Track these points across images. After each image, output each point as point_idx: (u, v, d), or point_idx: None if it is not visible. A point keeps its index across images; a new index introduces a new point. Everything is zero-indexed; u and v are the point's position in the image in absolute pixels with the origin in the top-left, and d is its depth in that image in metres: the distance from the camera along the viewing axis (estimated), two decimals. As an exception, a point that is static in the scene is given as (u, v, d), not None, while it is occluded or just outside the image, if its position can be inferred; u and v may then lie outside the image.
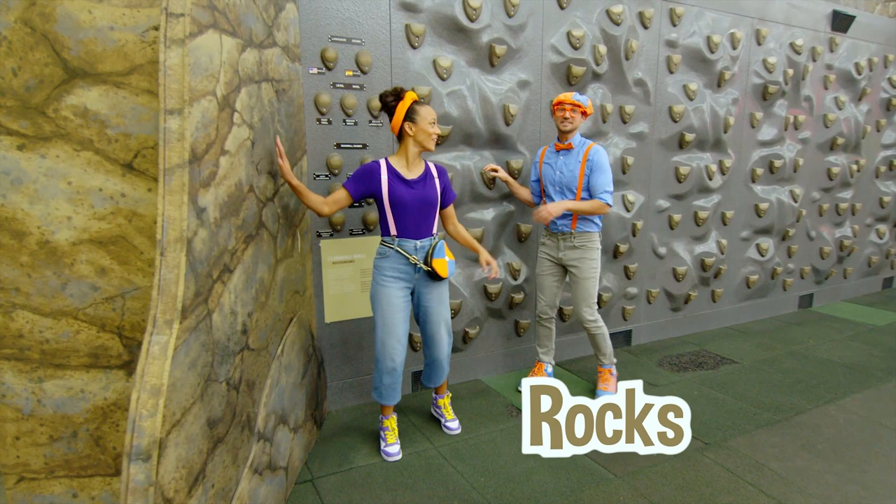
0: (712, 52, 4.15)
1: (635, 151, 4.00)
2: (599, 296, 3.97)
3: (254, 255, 2.05)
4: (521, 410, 3.17)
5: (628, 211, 4.01)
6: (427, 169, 2.66)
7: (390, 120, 2.57)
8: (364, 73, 3.00)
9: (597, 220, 3.19)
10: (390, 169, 2.56)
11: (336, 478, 2.55)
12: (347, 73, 2.96)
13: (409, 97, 2.55)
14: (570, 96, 3.07)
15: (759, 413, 3.21)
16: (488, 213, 3.46)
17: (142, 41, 1.60)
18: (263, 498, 2.08)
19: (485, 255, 2.80)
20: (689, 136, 4.16)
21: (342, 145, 3.00)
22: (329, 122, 2.95)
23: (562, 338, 3.90)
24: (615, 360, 3.42)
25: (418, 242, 2.62)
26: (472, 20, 3.18)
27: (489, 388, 3.52)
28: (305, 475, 2.56)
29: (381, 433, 2.80)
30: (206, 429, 1.62)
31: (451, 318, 3.37)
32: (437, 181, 2.67)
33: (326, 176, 2.98)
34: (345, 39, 2.92)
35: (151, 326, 1.45)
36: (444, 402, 3.06)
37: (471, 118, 3.27)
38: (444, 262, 2.68)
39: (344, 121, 2.99)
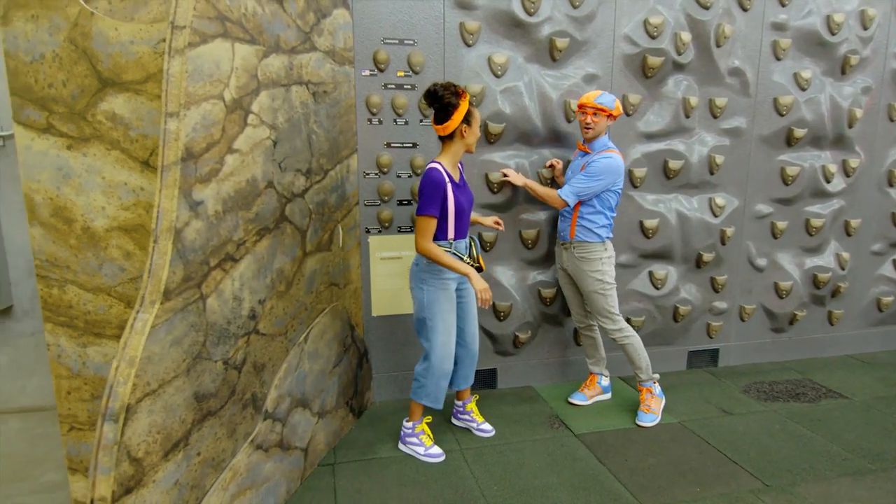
0: (833, 34, 3.55)
1: (727, 149, 3.57)
2: (675, 308, 3.61)
3: (271, 247, 2.20)
4: (563, 422, 3.03)
5: (715, 216, 3.59)
6: (460, 169, 2.66)
7: (443, 119, 2.45)
8: (416, 73, 3.05)
9: (598, 230, 2.93)
10: (448, 174, 2.50)
11: (356, 465, 2.64)
12: (399, 73, 3.03)
13: (467, 95, 2.47)
14: (593, 98, 2.84)
15: (849, 459, 2.71)
16: (543, 214, 3.32)
17: (154, 52, 1.80)
18: (270, 473, 2.23)
19: (490, 218, 3.00)
20: (800, 132, 3.61)
21: (392, 144, 3.08)
22: (380, 121, 3.05)
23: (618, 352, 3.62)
24: (656, 376, 3.11)
25: (465, 242, 2.65)
26: (530, 14, 3.07)
27: (538, 396, 3.39)
28: (330, 459, 2.69)
29: (416, 438, 2.73)
30: (193, 401, 1.79)
31: (501, 320, 3.33)
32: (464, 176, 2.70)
33: (376, 174, 3.08)
34: (397, 41, 3.00)
35: (139, 305, 1.63)
36: (473, 405, 3.01)
37: (527, 115, 3.17)
38: (482, 257, 2.74)
39: (395, 120, 3.06)
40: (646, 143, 3.43)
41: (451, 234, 2.55)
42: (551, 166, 3.23)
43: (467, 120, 2.48)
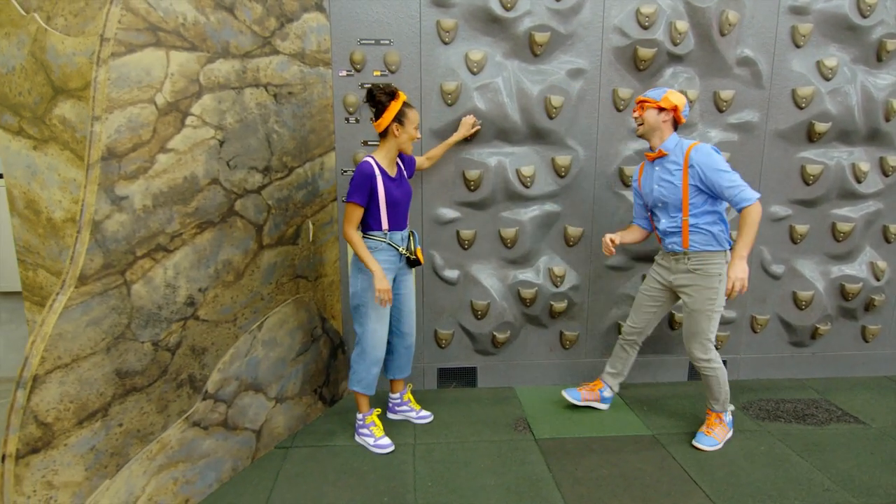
0: (864, 17, 3.17)
1: (736, 145, 3.30)
2: (671, 315, 3.40)
3: (215, 239, 2.36)
4: (529, 426, 2.98)
5: (719, 218, 3.33)
6: (398, 164, 2.74)
7: (377, 116, 2.62)
8: (392, 72, 3.11)
9: (720, 238, 2.63)
10: (381, 168, 2.62)
11: (308, 451, 2.76)
12: (375, 73, 3.10)
13: (401, 97, 2.59)
14: (644, 93, 2.71)
15: (831, 491, 2.44)
16: (525, 213, 3.25)
17: (89, 62, 2.00)
18: (210, 450, 2.40)
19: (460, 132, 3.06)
20: (822, 126, 3.26)
21: (369, 143, 3.16)
22: (357, 120, 3.14)
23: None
24: (731, 408, 2.88)
25: (402, 234, 2.74)
26: (507, 9, 3.02)
27: (514, 398, 3.34)
28: (287, 443, 2.84)
29: (367, 430, 2.80)
30: (114, 377, 1.98)
31: (478, 319, 3.32)
32: (404, 172, 2.78)
33: (353, 171, 3.18)
34: (373, 41, 3.07)
35: (60, 287, 1.84)
36: (409, 395, 3.09)
37: (504, 112, 3.12)
38: (420, 250, 2.83)
39: (371, 119, 3.14)
40: (638, 141, 3.25)
41: (384, 224, 2.65)
42: (612, 243, 2.80)
43: (399, 120, 2.57)
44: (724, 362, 3.53)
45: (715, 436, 2.81)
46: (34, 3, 2.10)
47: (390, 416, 3.09)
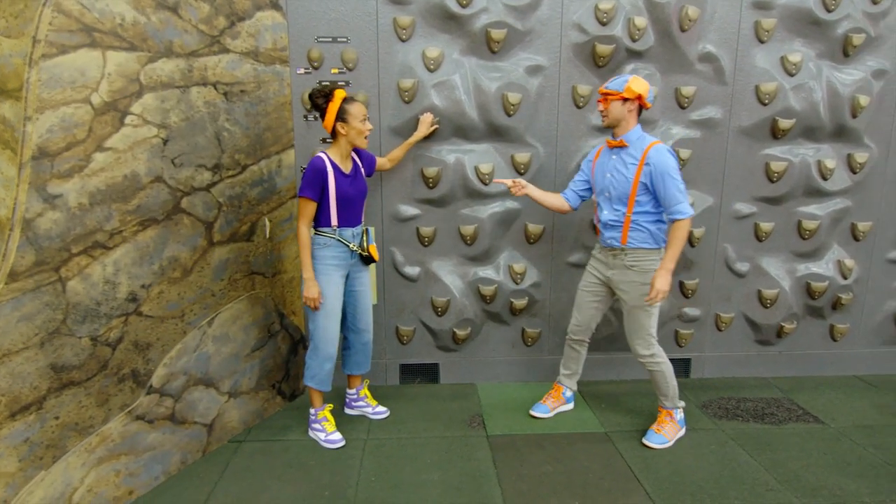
0: (829, 11, 3.12)
1: (698, 143, 3.27)
2: (633, 313, 3.39)
3: (159, 237, 2.39)
4: (484, 422, 3.00)
5: (681, 215, 3.31)
6: (354, 161, 2.74)
7: (322, 119, 2.65)
8: (350, 69, 3.12)
9: (656, 236, 2.66)
10: (333, 164, 2.65)
11: (260, 445, 2.80)
12: (333, 70, 3.12)
13: (338, 96, 2.61)
14: (605, 84, 2.68)
15: (774, 490, 2.44)
16: (484, 211, 3.26)
17: (24, 63, 2.03)
18: (156, 443, 2.45)
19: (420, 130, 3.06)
20: (786, 123, 3.22)
21: (327, 140, 3.18)
22: (315, 118, 3.16)
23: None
24: (681, 404, 2.87)
25: (354, 230, 2.75)
26: (463, 6, 3.02)
27: (474, 394, 3.35)
28: (242, 437, 2.88)
29: (319, 425, 2.83)
30: (49, 371, 2.02)
31: (438, 315, 3.34)
32: (362, 170, 2.79)
33: (312, 168, 3.20)
34: (330, 39, 3.08)
35: (-9, 285, 1.88)
36: (365, 390, 3.11)
37: (461, 109, 3.12)
38: (375, 247, 2.84)
39: (312, 117, 3.16)
40: (599, 137, 3.24)
41: (333, 220, 2.67)
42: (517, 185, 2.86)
43: (341, 118, 2.60)
44: (689, 360, 3.55)
45: (665, 433, 2.81)
46: (-24, 5, 2.14)
47: (347, 411, 3.12)
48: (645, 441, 2.78)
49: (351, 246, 2.73)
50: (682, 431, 2.87)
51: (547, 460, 2.66)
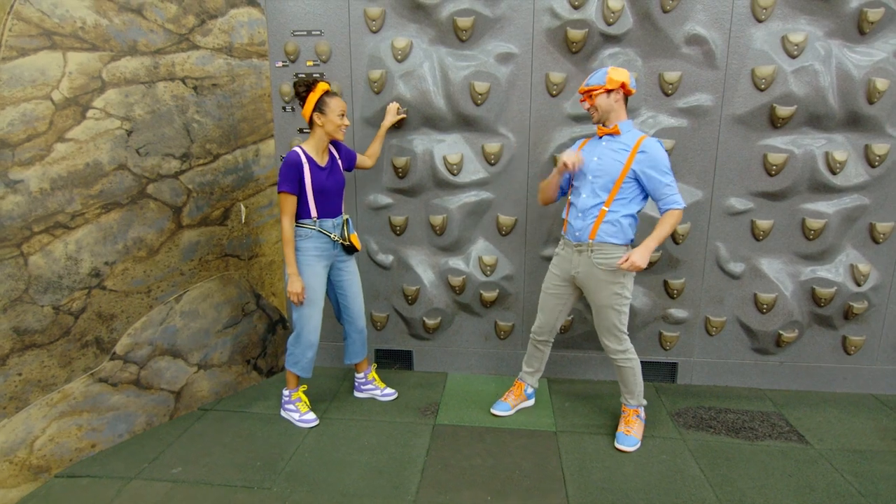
0: (837, -17, 2.76)
1: (686, 132, 3.05)
2: (609, 311, 3.24)
3: (123, 219, 2.65)
4: (438, 411, 3.03)
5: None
6: (331, 153, 2.80)
7: (301, 106, 2.73)
8: (324, 62, 3.22)
9: (628, 231, 2.58)
10: (308, 157, 2.70)
11: (223, 414, 3.02)
12: (308, 63, 3.24)
13: (319, 88, 2.67)
14: (584, 83, 2.61)
15: (704, 508, 2.27)
16: (453, 201, 3.24)
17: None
18: (120, 404, 2.73)
19: (386, 119, 3.08)
20: (785, 110, 2.91)
21: (304, 130, 3.32)
22: (292, 109, 3.30)
23: (560, 352, 3.37)
24: (644, 402, 2.79)
25: (334, 221, 2.81)
26: (430, -5, 3.01)
27: (441, 383, 3.38)
28: (212, 406, 3.12)
29: (293, 405, 2.93)
30: (12, 333, 2.33)
31: (409, 304, 3.40)
32: (339, 162, 2.84)
33: (291, 157, 3.36)
34: (305, 32, 3.20)
35: (-41, 257, 2.20)
36: (373, 373, 3.20)
37: (428, 100, 3.12)
38: (356, 237, 2.89)
39: (289, 107, 3.29)
40: (573, 126, 3.11)
41: (313, 212, 2.73)
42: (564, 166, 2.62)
43: (319, 109, 2.65)
44: (675, 365, 3.34)
45: (635, 434, 2.71)
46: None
47: (357, 394, 3.22)
48: (617, 445, 2.67)
49: (332, 236, 2.78)
50: (645, 424, 2.78)
51: (480, 453, 2.64)
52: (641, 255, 2.44)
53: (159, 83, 2.74)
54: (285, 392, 3.00)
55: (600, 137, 2.63)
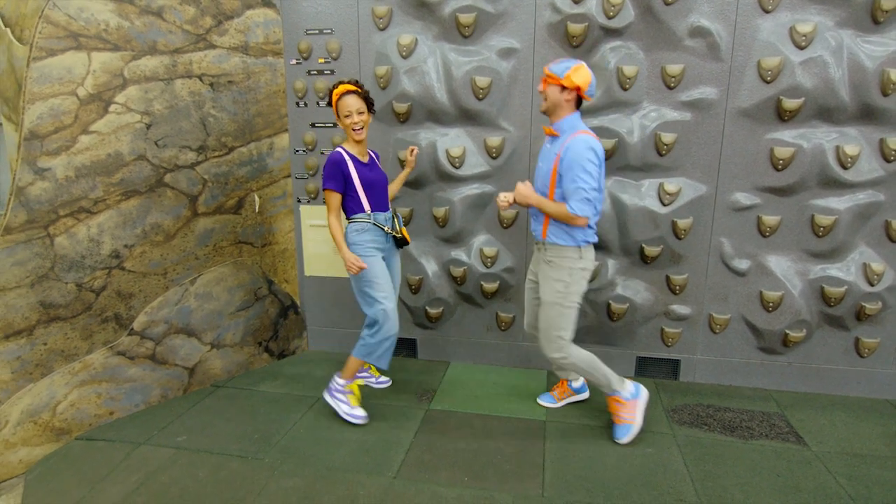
0: (848, -30, 2.67)
1: (689, 125, 3.01)
2: (608, 305, 3.24)
3: (142, 206, 2.87)
4: (433, 397, 3.12)
5: (664, 204, 3.07)
6: (371, 153, 2.90)
7: None
8: (334, 59, 3.37)
9: (574, 233, 2.51)
10: (350, 155, 2.73)
11: (231, 391, 3.22)
12: (320, 60, 3.39)
13: (335, 92, 2.69)
14: (549, 66, 2.57)
15: None
16: (456, 193, 3.32)
17: (25, 65, 2.58)
18: (136, 376, 2.96)
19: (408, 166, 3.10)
20: (792, 103, 2.83)
21: (316, 125, 3.47)
22: (305, 104, 3.46)
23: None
24: (618, 389, 2.71)
25: (385, 214, 2.85)
26: (433, -8, 3.10)
27: (442, 371, 3.46)
28: (224, 382, 3.32)
29: (344, 396, 2.86)
30: (39, 307, 2.58)
31: (413, 293, 3.51)
32: (378, 162, 2.92)
33: (304, 151, 3.52)
34: (317, 31, 3.35)
35: (-7, 237, 2.46)
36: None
37: (431, 94, 3.21)
38: (406, 230, 2.96)
39: (317, 103, 3.44)
40: (573, 120, 3.12)
41: (366, 206, 2.76)
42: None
43: (338, 112, 2.72)
44: (678, 362, 3.30)
45: (625, 420, 2.69)
46: (12, 20, 2.75)
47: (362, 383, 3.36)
48: (615, 439, 2.69)
49: (385, 229, 2.82)
50: (642, 399, 2.72)
51: (465, 438, 2.72)
52: (525, 192, 2.51)
53: (177, 80, 2.95)
54: (340, 381, 2.89)
55: (552, 139, 2.59)
